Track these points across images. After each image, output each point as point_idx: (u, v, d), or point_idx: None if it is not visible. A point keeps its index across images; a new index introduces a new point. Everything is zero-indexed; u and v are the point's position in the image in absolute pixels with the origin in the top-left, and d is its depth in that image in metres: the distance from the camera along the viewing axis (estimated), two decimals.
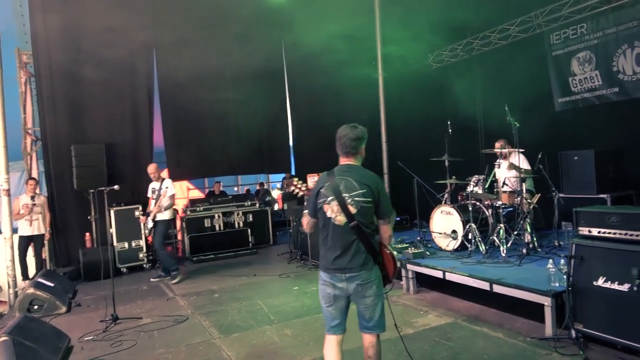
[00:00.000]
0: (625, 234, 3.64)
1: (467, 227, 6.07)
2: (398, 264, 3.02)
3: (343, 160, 3.05)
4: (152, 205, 7.36)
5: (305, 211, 3.16)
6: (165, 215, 7.30)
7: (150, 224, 7.28)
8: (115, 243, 8.13)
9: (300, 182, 3.61)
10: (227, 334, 4.86)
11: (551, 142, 7.35)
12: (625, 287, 3.55)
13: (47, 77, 8.35)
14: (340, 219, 2.91)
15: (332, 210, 2.94)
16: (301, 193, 3.51)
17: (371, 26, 9.64)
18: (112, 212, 8.12)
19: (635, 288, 3.41)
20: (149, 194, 7.53)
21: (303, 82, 10.67)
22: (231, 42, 9.69)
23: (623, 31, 7.21)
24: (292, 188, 3.59)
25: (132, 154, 9.00)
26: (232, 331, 4.94)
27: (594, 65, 7.67)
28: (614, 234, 3.72)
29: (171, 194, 7.28)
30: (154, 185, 7.43)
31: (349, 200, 2.89)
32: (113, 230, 8.12)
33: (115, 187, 5.83)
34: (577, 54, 7.92)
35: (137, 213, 8.16)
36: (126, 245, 8.25)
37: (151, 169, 7.44)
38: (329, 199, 2.94)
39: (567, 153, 6.57)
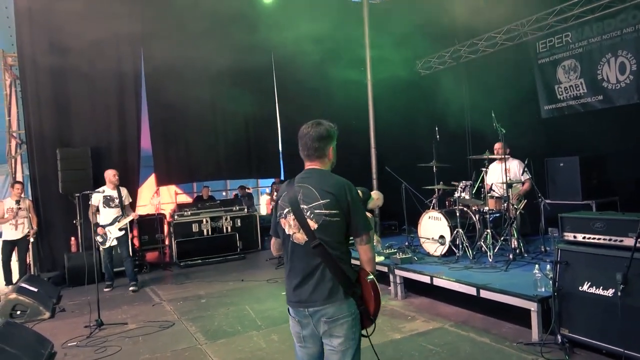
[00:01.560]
0: (610, 240, 3.69)
1: (455, 232, 6.10)
2: (382, 299, 2.41)
3: (307, 165, 2.48)
4: (103, 215, 7.05)
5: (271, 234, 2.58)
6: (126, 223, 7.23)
7: (118, 234, 7.05)
8: (100, 248, 8.00)
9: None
10: (213, 340, 4.81)
11: (537, 149, 7.46)
12: (609, 292, 3.59)
13: (32, 80, 8.24)
14: (299, 236, 2.33)
15: (289, 226, 2.36)
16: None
17: (360, 32, 9.70)
18: (98, 216, 8.01)
19: (619, 293, 3.44)
20: (98, 203, 7.02)
21: (292, 87, 10.68)
22: (220, 46, 9.67)
23: (607, 40, 7.34)
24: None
25: (119, 157, 8.90)
26: (218, 337, 4.89)
27: (579, 73, 7.80)
28: (599, 239, 3.77)
29: (129, 202, 7.34)
30: (111, 193, 7.06)
31: (307, 213, 2.30)
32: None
33: (101, 190, 5.76)
34: (562, 62, 8.04)
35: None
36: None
37: (114, 174, 7.17)
38: (285, 211, 2.39)
39: (553, 160, 6.65)
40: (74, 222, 8.13)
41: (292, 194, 2.37)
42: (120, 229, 7.09)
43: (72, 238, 8.20)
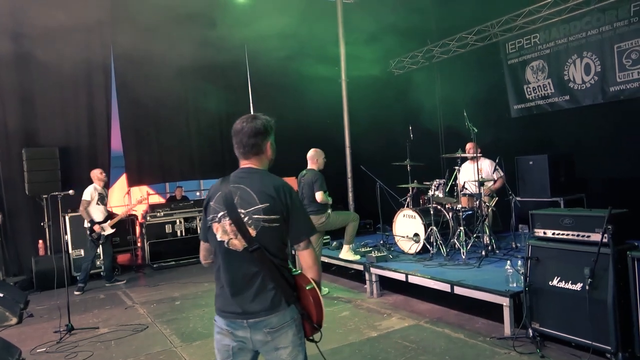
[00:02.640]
0: (578, 235, 3.80)
1: (429, 230, 6.19)
2: (323, 308, 2.23)
3: (242, 164, 2.32)
4: (96, 211, 7.19)
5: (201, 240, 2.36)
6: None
7: (110, 231, 7.21)
8: (70, 250, 7.82)
9: None
10: (188, 342, 4.75)
11: (508, 147, 7.62)
12: (578, 287, 3.71)
13: None
14: (236, 242, 2.14)
15: (223, 231, 2.17)
16: None
17: (334, 31, 9.72)
18: (67, 218, 7.81)
19: (587, 287, 3.55)
20: (90, 198, 7.13)
21: (266, 85, 10.63)
22: (193, 43, 9.53)
23: (573, 42, 7.56)
24: None
25: (89, 157, 8.67)
26: (194, 339, 4.83)
27: (547, 73, 8.01)
28: (567, 235, 3.88)
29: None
30: (102, 191, 7.28)
31: (246, 219, 2.13)
32: (68, 237, 7.82)
33: (70, 192, 5.63)
34: (531, 63, 8.24)
35: None
36: (82, 252, 7.92)
37: (101, 171, 7.34)
38: (220, 215, 2.18)
39: (522, 158, 6.81)
40: (42, 224, 7.89)
41: (228, 195, 2.17)
42: (112, 227, 7.21)
43: (40, 241, 7.95)
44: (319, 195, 5.81)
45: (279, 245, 2.18)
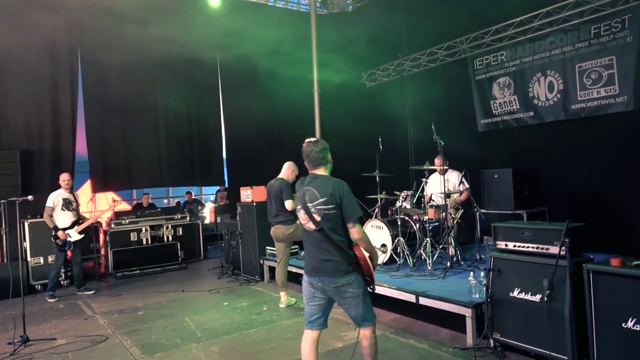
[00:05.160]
0: (537, 248, 3.90)
1: (396, 241, 6.24)
2: (372, 264, 3.21)
3: (311, 171, 3.31)
4: (61, 218, 6.98)
5: None
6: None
7: (77, 237, 7.03)
8: (29, 258, 7.53)
9: None
10: (150, 354, 4.62)
11: (474, 161, 7.79)
12: (537, 298, 3.80)
13: None
14: (310, 226, 3.18)
15: (302, 218, 3.23)
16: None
17: (307, 42, 9.79)
18: (26, 224, 7.53)
19: (545, 298, 3.64)
20: (53, 204, 6.92)
21: (238, 93, 10.60)
22: (162, 48, 9.44)
23: (537, 60, 7.84)
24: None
25: (52, 162, 8.44)
26: (155, 350, 4.71)
27: (513, 90, 8.26)
28: (528, 247, 3.98)
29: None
30: (69, 196, 7.06)
31: (312, 210, 3.13)
32: (27, 244, 7.53)
33: (29, 197, 5.41)
34: (497, 79, 8.49)
35: None
36: (42, 260, 7.66)
37: (65, 177, 7.10)
38: (298, 207, 3.26)
39: (488, 171, 6.96)
40: None
41: (301, 195, 3.22)
42: (80, 232, 7.01)
43: None
44: (288, 204, 5.79)
45: (338, 225, 3.14)
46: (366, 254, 3.18)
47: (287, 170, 6.13)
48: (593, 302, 3.44)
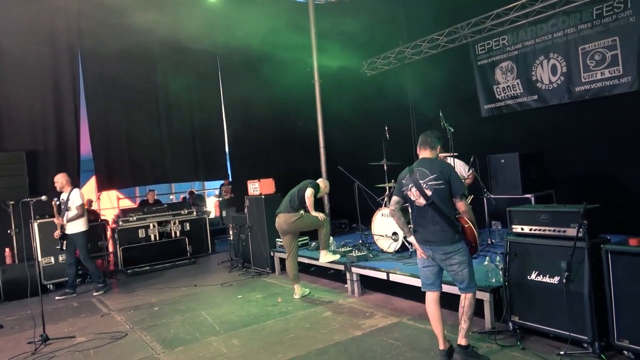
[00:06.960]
0: (554, 231, 3.94)
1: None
2: (477, 233, 3.65)
3: (421, 154, 3.81)
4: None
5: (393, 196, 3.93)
6: (79, 227, 6.94)
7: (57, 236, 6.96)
8: (40, 258, 7.55)
9: None
10: (171, 348, 4.67)
11: (480, 146, 7.79)
12: (555, 280, 3.85)
13: None
14: (420, 201, 3.65)
15: (413, 195, 3.69)
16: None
17: (307, 32, 9.75)
18: (36, 224, 7.54)
19: (564, 280, 3.69)
20: (55, 205, 6.99)
21: (238, 87, 10.56)
22: (162, 45, 9.39)
23: (540, 44, 7.82)
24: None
25: (57, 161, 8.42)
26: (176, 344, 4.75)
27: (515, 74, 8.25)
28: (544, 230, 4.02)
29: (77, 205, 6.89)
30: (62, 196, 7.03)
31: (424, 185, 3.61)
32: (37, 244, 7.54)
33: (43, 197, 5.42)
34: (500, 64, 8.47)
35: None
36: (52, 260, 7.68)
37: (56, 177, 7.04)
38: (410, 186, 3.71)
39: (494, 156, 6.99)
40: (9, 231, 7.59)
41: (413, 174, 3.70)
42: (63, 233, 6.95)
43: (7, 249, 7.64)
44: (308, 191, 5.96)
45: (447, 199, 3.61)
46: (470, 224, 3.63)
47: (322, 184, 6.32)
48: (612, 281, 3.49)
